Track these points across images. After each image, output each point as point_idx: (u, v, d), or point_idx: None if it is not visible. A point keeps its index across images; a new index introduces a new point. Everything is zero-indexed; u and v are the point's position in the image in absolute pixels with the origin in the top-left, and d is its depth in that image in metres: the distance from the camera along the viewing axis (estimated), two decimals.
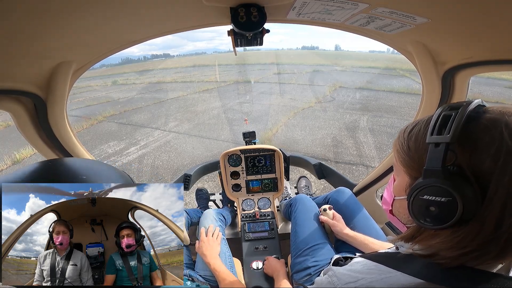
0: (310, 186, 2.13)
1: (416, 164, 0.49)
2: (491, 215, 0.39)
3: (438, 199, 0.43)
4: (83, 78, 1.22)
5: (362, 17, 0.71)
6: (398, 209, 0.59)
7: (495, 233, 0.39)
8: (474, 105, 0.44)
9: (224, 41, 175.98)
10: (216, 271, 1.14)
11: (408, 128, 0.53)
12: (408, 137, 0.51)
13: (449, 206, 0.42)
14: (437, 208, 0.43)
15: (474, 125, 0.42)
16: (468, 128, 0.42)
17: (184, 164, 4.84)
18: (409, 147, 0.50)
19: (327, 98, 10.40)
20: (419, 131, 0.49)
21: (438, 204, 0.43)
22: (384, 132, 6.04)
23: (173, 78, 21.05)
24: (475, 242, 0.41)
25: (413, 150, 0.49)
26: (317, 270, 1.07)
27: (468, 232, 0.41)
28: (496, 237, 0.40)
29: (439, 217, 0.43)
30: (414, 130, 0.51)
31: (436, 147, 0.43)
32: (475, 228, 0.41)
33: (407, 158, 0.51)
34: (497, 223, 0.39)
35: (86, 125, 8.05)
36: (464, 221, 0.41)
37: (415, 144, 0.49)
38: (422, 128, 0.49)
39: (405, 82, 13.16)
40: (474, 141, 0.41)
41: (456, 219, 0.41)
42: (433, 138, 0.44)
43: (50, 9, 0.53)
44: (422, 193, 0.45)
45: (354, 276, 0.54)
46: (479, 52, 0.79)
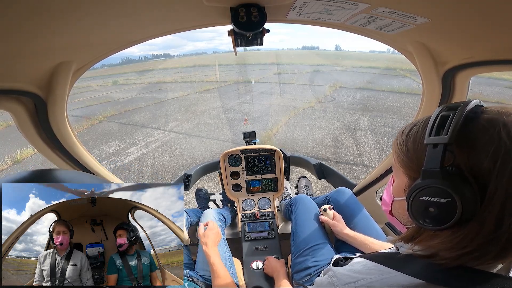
0: (310, 186, 2.13)
1: (414, 165, 0.49)
2: (491, 215, 0.39)
3: (437, 200, 0.43)
4: (84, 78, 1.22)
5: (363, 17, 0.71)
6: (398, 210, 0.58)
7: (494, 233, 0.39)
8: (472, 105, 0.44)
9: (224, 41, 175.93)
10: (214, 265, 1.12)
11: (406, 129, 0.53)
12: (406, 138, 0.51)
13: (448, 207, 0.42)
14: (436, 209, 0.43)
15: (472, 126, 0.42)
16: (466, 128, 0.42)
17: (184, 164, 4.85)
18: (407, 148, 0.50)
19: (327, 98, 10.40)
20: (417, 132, 0.49)
21: (437, 205, 0.43)
22: (384, 132, 6.04)
23: (174, 78, 21.05)
24: (475, 242, 0.41)
25: (412, 151, 0.49)
26: (317, 270, 1.07)
27: (468, 232, 0.41)
28: (496, 237, 0.39)
29: (439, 218, 0.43)
30: (413, 131, 0.51)
31: (434, 148, 0.43)
32: (475, 229, 0.41)
33: (405, 159, 0.51)
34: (496, 223, 0.39)
35: (86, 125, 8.05)
36: (463, 222, 0.41)
37: (414, 145, 0.49)
38: (420, 129, 0.49)
39: (406, 82, 13.15)
40: (472, 141, 0.41)
41: (456, 219, 0.41)
42: (431, 139, 0.44)
43: (50, 9, 0.53)
44: (421, 194, 0.45)
45: (354, 276, 0.54)
46: (480, 52, 0.79)
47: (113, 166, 5.00)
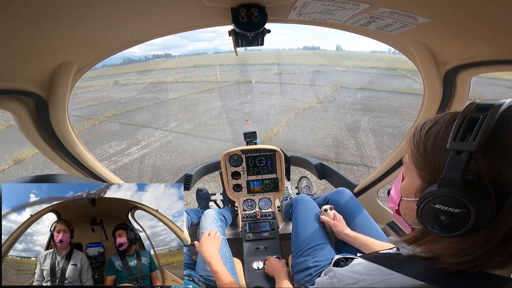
0: (311, 187, 2.13)
1: (431, 168, 0.45)
2: (503, 228, 0.37)
3: (451, 209, 0.40)
4: (85, 78, 1.23)
5: (363, 17, 0.71)
6: (405, 210, 0.56)
7: (502, 244, 0.38)
8: (506, 106, 0.40)
9: (225, 41, 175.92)
10: (217, 273, 1.13)
11: (426, 125, 0.47)
12: (425, 137, 0.46)
13: (461, 217, 0.39)
14: (447, 218, 0.41)
15: (503, 131, 0.38)
16: (496, 134, 0.38)
17: (185, 164, 4.85)
18: (425, 148, 0.46)
19: (328, 98, 10.39)
20: (438, 132, 0.45)
21: (450, 214, 0.40)
22: (385, 133, 6.02)
23: (174, 78, 21.08)
24: (480, 251, 0.39)
25: (430, 152, 0.45)
26: (318, 270, 1.06)
27: (475, 241, 0.40)
28: (502, 249, 0.38)
29: (449, 227, 0.41)
30: (433, 130, 0.46)
31: (458, 155, 0.39)
32: (483, 238, 0.39)
33: (421, 160, 0.47)
34: (506, 236, 0.37)
35: (87, 125, 8.07)
36: (473, 231, 0.39)
37: (433, 147, 0.44)
38: (443, 129, 0.44)
39: (407, 82, 13.11)
40: (501, 149, 0.38)
41: (466, 230, 0.39)
42: (455, 145, 0.39)
43: (52, 10, 0.53)
44: (434, 202, 0.42)
45: (355, 277, 0.54)
46: (481, 52, 0.79)
47: (114, 166, 5.01)
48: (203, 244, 1.25)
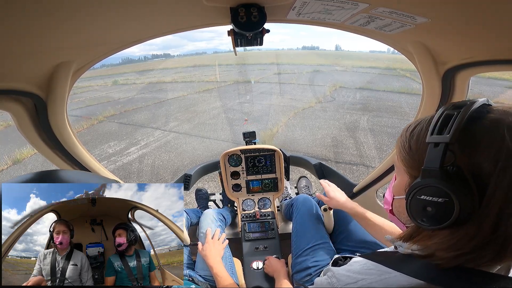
0: (310, 186, 2.13)
1: (416, 164, 0.48)
2: (488, 217, 0.39)
3: (435, 199, 0.43)
4: (84, 78, 1.23)
5: (362, 17, 0.71)
6: (398, 208, 0.58)
7: (491, 235, 0.39)
8: (479, 104, 0.43)
9: (224, 41, 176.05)
10: (218, 276, 1.13)
11: (410, 127, 0.52)
12: (410, 136, 0.51)
13: (446, 207, 0.41)
14: (434, 209, 0.43)
15: (475, 126, 0.41)
16: (469, 128, 0.41)
17: (184, 164, 4.85)
18: (410, 146, 0.50)
19: (327, 98, 10.40)
20: (421, 130, 0.49)
21: (435, 204, 0.43)
22: (384, 132, 6.04)
23: (174, 78, 21.06)
24: (472, 244, 0.41)
25: (414, 149, 0.49)
26: (318, 270, 1.07)
27: (465, 234, 0.41)
28: (492, 240, 0.39)
29: (436, 218, 0.43)
30: (416, 129, 0.50)
31: (436, 147, 0.42)
32: (472, 230, 0.40)
33: (407, 157, 0.50)
34: (494, 226, 0.39)
35: (86, 125, 8.06)
36: (461, 223, 0.41)
37: (416, 144, 0.49)
38: (424, 128, 0.48)
39: (406, 82, 13.15)
40: (475, 141, 0.41)
41: (453, 220, 0.41)
42: (432, 138, 0.43)
43: (50, 9, 0.53)
44: (419, 193, 0.45)
45: (354, 277, 0.54)
46: (480, 52, 0.79)
47: (113, 166, 5.00)
48: (206, 249, 1.25)
